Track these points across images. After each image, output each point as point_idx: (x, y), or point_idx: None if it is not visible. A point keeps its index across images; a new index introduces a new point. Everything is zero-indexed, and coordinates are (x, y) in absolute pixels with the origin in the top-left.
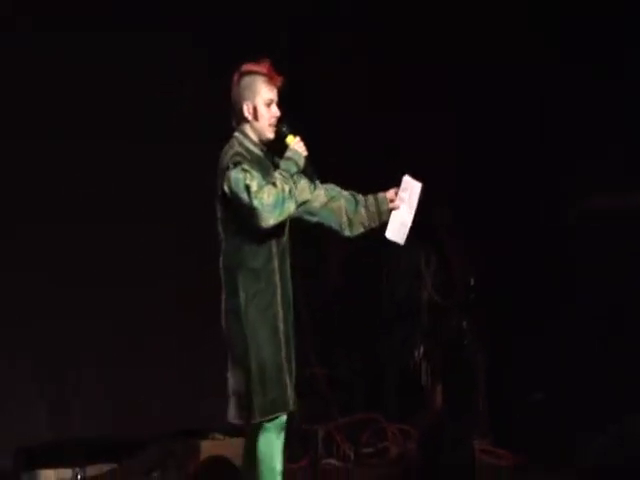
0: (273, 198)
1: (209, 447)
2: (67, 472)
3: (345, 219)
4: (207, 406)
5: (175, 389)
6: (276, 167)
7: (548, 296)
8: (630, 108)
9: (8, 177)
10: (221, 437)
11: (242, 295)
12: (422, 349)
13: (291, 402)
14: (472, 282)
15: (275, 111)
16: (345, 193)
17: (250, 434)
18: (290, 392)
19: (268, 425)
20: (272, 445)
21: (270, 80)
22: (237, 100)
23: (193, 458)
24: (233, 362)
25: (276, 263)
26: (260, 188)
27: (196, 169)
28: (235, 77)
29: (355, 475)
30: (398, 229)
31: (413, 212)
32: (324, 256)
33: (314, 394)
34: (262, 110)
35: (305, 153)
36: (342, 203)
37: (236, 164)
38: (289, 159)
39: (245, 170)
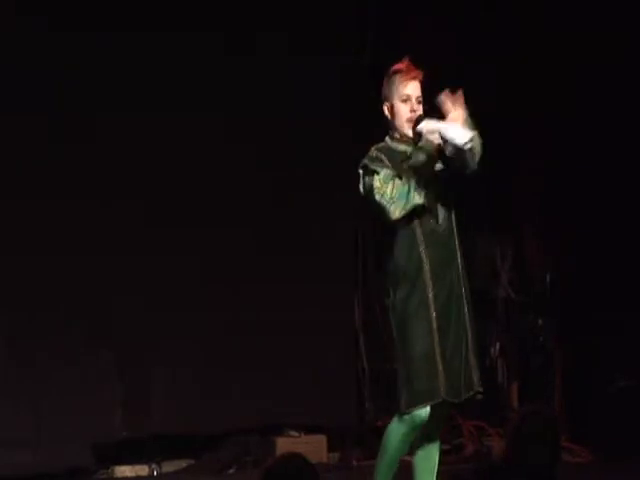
0: (397, 190)
1: (285, 444)
2: (143, 468)
3: None
4: (283, 403)
5: (252, 385)
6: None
7: (625, 291)
8: None
9: None
10: (297, 434)
11: (391, 292)
12: (498, 346)
13: (442, 391)
14: (548, 278)
15: (413, 106)
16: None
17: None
18: (442, 381)
19: (406, 417)
20: (402, 438)
21: (406, 75)
22: (383, 102)
23: (269, 455)
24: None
25: (425, 260)
26: (383, 183)
27: None
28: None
29: None
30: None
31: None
32: None
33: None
34: (398, 106)
35: (437, 142)
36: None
37: (363, 167)
38: (420, 149)
39: (371, 171)
